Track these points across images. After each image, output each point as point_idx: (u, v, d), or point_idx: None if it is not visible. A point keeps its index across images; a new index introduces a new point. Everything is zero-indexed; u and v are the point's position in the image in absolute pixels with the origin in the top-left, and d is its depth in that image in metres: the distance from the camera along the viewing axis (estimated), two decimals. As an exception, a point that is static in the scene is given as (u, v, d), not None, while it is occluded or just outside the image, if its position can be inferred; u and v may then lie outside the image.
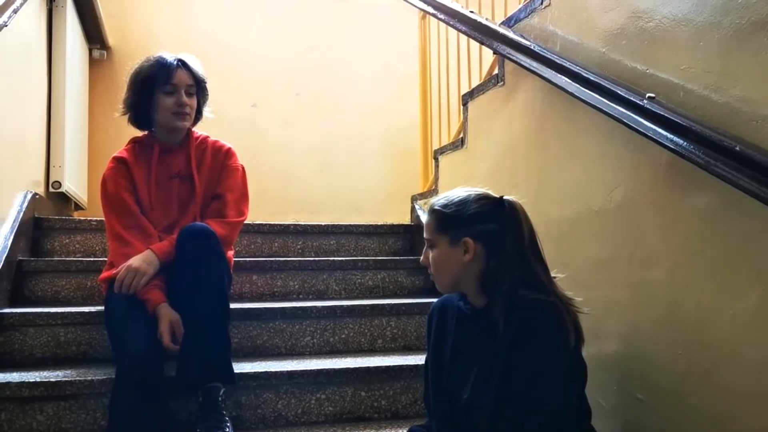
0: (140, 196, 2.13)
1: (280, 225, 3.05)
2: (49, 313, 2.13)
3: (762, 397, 1.31)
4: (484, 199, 1.52)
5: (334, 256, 3.00)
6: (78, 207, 3.55)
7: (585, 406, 1.53)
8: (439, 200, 1.56)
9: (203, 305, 1.89)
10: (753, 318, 1.34)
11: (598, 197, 1.84)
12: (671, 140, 1.44)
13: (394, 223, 3.30)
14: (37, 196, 2.76)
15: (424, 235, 1.57)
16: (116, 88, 3.77)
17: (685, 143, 1.40)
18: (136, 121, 2.20)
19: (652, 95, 1.54)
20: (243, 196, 2.23)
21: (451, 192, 1.56)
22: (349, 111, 4.39)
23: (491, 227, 1.49)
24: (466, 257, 1.49)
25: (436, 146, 3.32)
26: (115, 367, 1.83)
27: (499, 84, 2.49)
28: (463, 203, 1.51)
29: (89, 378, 1.88)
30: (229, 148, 2.27)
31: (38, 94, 2.93)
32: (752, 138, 1.31)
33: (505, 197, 1.52)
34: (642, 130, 1.53)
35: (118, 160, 2.16)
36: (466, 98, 2.82)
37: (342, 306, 2.42)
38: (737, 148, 1.26)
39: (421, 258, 1.60)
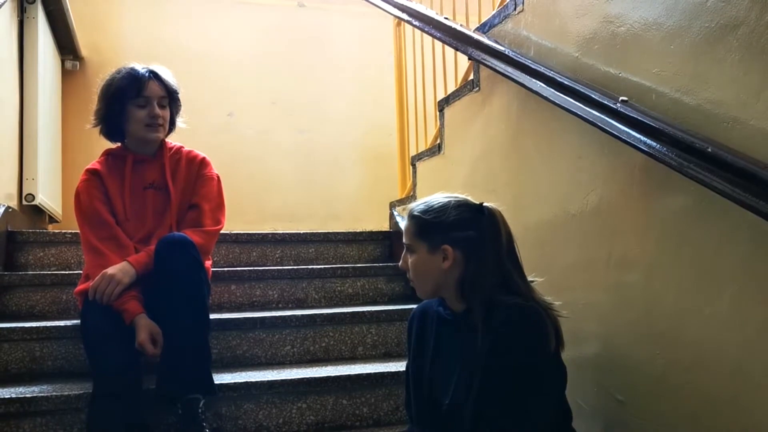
0: (115, 208, 2.11)
1: (258, 234, 3.03)
2: (23, 327, 2.10)
3: (738, 396, 1.32)
4: (463, 206, 1.52)
5: (314, 265, 2.98)
6: (52, 220, 3.51)
7: (565, 408, 1.54)
8: (418, 206, 1.56)
9: (183, 316, 1.87)
10: (728, 318, 1.35)
11: (574, 200, 1.86)
12: (644, 143, 1.45)
13: (373, 230, 3.30)
14: (11, 210, 2.72)
15: (403, 240, 1.57)
16: (90, 98, 3.74)
17: (658, 145, 1.41)
18: (108, 133, 2.18)
19: (625, 98, 1.55)
20: (219, 205, 2.21)
21: (431, 198, 1.56)
22: (326, 119, 4.39)
23: (470, 234, 1.49)
24: (445, 264, 1.49)
25: (413, 152, 3.32)
26: (93, 382, 1.81)
27: (475, 89, 2.50)
28: (443, 210, 1.51)
29: (66, 393, 1.85)
30: (204, 158, 2.26)
31: (10, 106, 2.89)
32: (723, 139, 1.32)
33: (484, 204, 1.52)
34: (616, 133, 1.54)
35: (91, 172, 2.14)
36: (442, 104, 2.83)
37: (322, 314, 2.41)
38: (709, 150, 1.27)
39: (400, 262, 1.60)
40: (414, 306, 1.76)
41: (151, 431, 1.82)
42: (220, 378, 2.00)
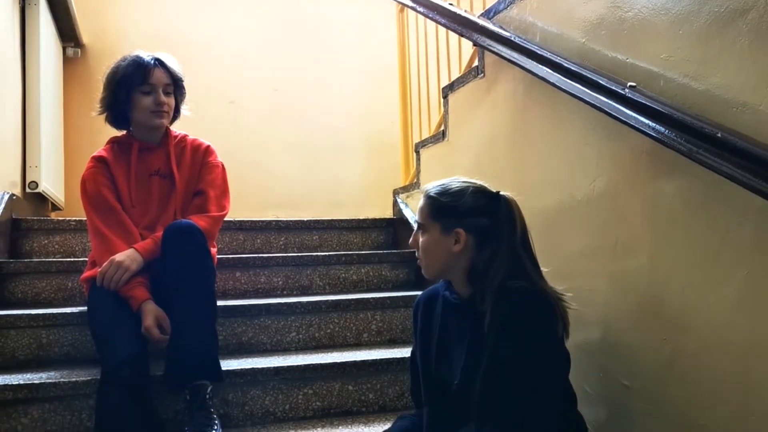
0: (121, 194, 2.12)
1: (262, 221, 3.03)
2: (30, 314, 2.10)
3: (745, 382, 1.33)
4: (480, 193, 1.52)
5: (317, 252, 2.99)
6: (55, 207, 3.50)
7: (570, 393, 1.55)
8: (435, 187, 1.56)
9: (190, 303, 1.88)
10: (735, 304, 1.35)
11: (580, 187, 1.86)
12: (653, 128, 1.45)
13: (377, 217, 3.30)
14: (14, 197, 2.72)
15: (417, 218, 1.58)
16: (91, 86, 3.72)
17: (667, 131, 1.41)
18: (114, 120, 2.19)
19: (633, 84, 1.55)
20: (224, 192, 2.22)
21: (449, 180, 1.56)
22: (329, 106, 4.38)
23: (484, 222, 1.50)
24: (456, 247, 1.50)
25: (417, 139, 3.32)
26: (101, 367, 1.81)
27: (480, 76, 2.50)
28: (460, 194, 1.52)
29: (74, 379, 1.86)
30: (208, 146, 2.27)
31: (12, 93, 2.89)
32: (732, 124, 1.32)
33: (501, 193, 1.52)
34: (624, 119, 1.54)
35: (97, 160, 2.14)
36: (446, 91, 2.82)
37: (327, 301, 2.42)
38: (719, 135, 1.27)
39: (410, 240, 1.60)
40: (419, 293, 1.77)
41: (159, 417, 1.82)
42: (227, 364, 2.00)
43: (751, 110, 1.31)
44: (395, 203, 3.37)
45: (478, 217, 1.50)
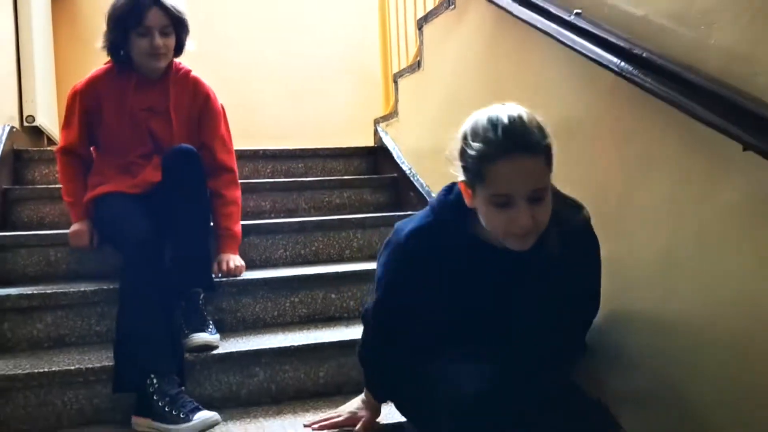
0: (107, 121, 2.19)
1: (250, 150, 3.17)
2: (38, 234, 2.30)
3: (665, 274, 1.49)
4: None
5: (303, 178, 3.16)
6: (51, 143, 3.63)
7: None
8: (524, 130, 1.24)
9: (188, 221, 2.06)
10: (696, 235, 1.42)
11: (548, 120, 1.95)
12: (594, 52, 1.58)
13: (359, 146, 3.47)
14: (15, 129, 2.86)
15: (534, 186, 1.23)
16: (81, 24, 3.80)
17: (605, 53, 1.54)
18: (114, 56, 2.19)
19: (579, 11, 1.69)
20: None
21: (516, 113, 1.29)
22: (311, 39, 4.46)
23: None
24: None
25: (396, 70, 3.45)
26: (123, 256, 1.98)
27: (450, 7, 2.62)
28: (543, 125, 1.28)
29: (82, 289, 2.06)
30: (211, 91, 2.33)
31: (6, 29, 2.99)
32: (661, 47, 1.46)
33: None
34: (569, 44, 1.68)
35: (90, 84, 2.20)
36: (421, 22, 2.95)
37: (312, 221, 2.61)
38: (644, 55, 1.43)
39: (524, 221, 1.24)
40: (397, 213, 1.86)
41: (175, 303, 2.00)
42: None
43: (675, 33, 1.45)
44: (376, 132, 3.52)
45: None
